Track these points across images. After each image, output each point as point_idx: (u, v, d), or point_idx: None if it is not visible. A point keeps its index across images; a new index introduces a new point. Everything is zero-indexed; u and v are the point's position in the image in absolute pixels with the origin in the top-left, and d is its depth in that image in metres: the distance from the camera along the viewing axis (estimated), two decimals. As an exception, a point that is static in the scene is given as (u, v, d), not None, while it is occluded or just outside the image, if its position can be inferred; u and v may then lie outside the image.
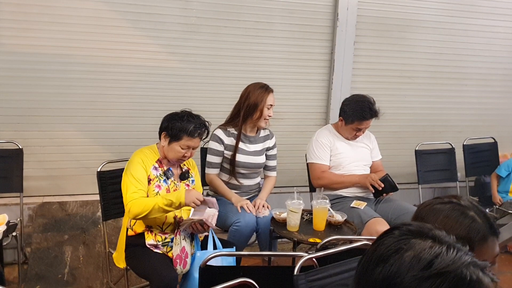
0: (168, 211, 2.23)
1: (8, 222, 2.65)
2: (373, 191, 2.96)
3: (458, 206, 1.18)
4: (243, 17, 3.69)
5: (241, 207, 2.70)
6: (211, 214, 2.24)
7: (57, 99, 3.38)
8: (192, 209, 2.31)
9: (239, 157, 2.85)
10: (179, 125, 2.28)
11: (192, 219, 2.24)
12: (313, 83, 4.01)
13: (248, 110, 2.82)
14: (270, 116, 2.86)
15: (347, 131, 3.05)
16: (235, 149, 2.84)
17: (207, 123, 2.37)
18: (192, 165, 2.54)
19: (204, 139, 2.40)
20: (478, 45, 4.36)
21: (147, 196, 2.27)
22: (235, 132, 2.87)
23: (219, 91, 3.66)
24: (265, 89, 2.85)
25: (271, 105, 2.85)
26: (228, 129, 2.88)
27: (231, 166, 2.86)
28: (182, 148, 2.30)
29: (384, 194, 2.99)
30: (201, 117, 2.37)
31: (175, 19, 3.53)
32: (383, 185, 2.90)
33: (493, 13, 4.32)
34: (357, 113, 2.95)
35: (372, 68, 4.13)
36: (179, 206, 2.21)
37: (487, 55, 4.41)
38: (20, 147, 3.11)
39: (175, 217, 2.36)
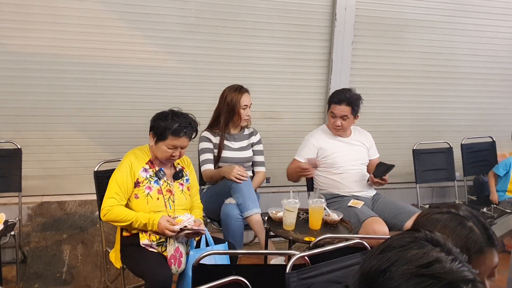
0: (145, 228, 2.23)
1: (7, 221, 2.68)
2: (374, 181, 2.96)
3: (456, 216, 1.16)
4: (241, 17, 3.71)
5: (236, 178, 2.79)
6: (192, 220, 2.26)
7: (55, 99, 3.40)
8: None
9: (226, 153, 2.99)
10: (164, 125, 2.26)
11: (185, 227, 2.23)
12: (311, 83, 4.03)
13: (228, 115, 2.98)
14: (248, 115, 3.03)
15: (330, 122, 3.08)
16: (220, 147, 2.98)
17: (194, 123, 2.33)
18: (187, 163, 2.53)
19: (193, 138, 2.37)
20: (476, 45, 4.36)
21: (136, 198, 2.29)
22: (220, 132, 3.02)
23: (218, 90, 3.66)
24: (238, 91, 3.00)
25: (246, 105, 2.99)
26: (213, 130, 3.04)
27: (216, 163, 3.00)
28: (168, 148, 2.28)
29: (386, 177, 2.97)
30: (188, 116, 2.33)
31: (173, 19, 3.55)
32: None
33: (491, 13, 4.32)
34: (330, 98, 3.06)
35: (370, 68, 4.13)
36: (153, 229, 2.22)
37: (485, 55, 4.41)
38: (19, 147, 3.13)
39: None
